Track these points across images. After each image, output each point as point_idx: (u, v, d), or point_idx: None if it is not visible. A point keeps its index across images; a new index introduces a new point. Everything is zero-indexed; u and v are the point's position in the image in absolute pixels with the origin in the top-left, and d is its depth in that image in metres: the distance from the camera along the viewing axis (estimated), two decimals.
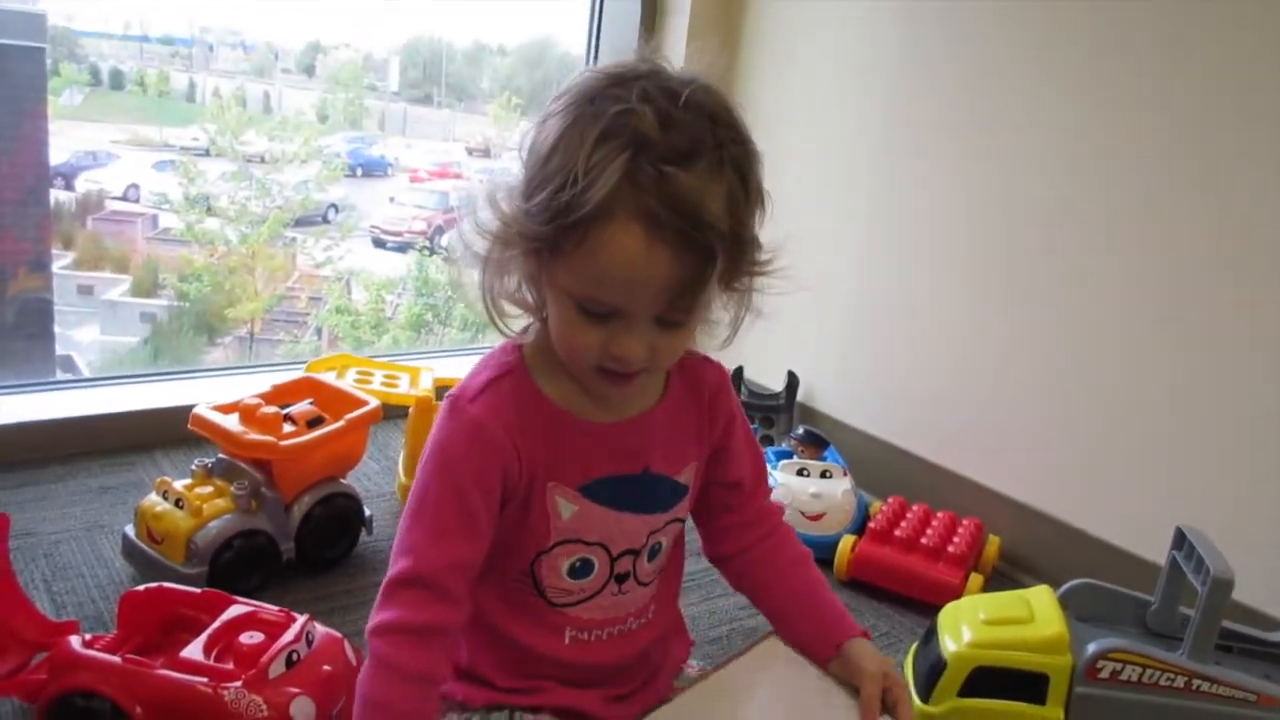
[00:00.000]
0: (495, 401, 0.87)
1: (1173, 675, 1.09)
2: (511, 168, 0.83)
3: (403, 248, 3.65)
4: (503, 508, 0.88)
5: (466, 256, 0.85)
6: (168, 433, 1.82)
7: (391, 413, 1.70)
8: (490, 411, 0.86)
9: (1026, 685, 1.13)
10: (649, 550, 0.94)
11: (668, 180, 0.74)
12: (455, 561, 0.84)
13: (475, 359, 0.92)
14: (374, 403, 1.57)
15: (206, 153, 3.14)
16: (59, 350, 2.59)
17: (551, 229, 0.76)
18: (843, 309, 2.08)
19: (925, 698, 1.19)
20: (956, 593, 1.56)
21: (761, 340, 0.88)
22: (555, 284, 0.81)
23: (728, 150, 0.77)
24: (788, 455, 1.86)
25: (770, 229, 0.83)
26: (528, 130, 0.82)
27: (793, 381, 2.12)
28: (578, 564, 0.91)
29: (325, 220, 3.48)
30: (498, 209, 0.82)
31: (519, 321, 0.90)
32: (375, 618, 0.83)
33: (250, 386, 1.58)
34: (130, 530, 1.44)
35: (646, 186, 0.74)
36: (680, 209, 0.74)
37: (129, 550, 1.44)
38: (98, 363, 3.10)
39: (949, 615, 1.25)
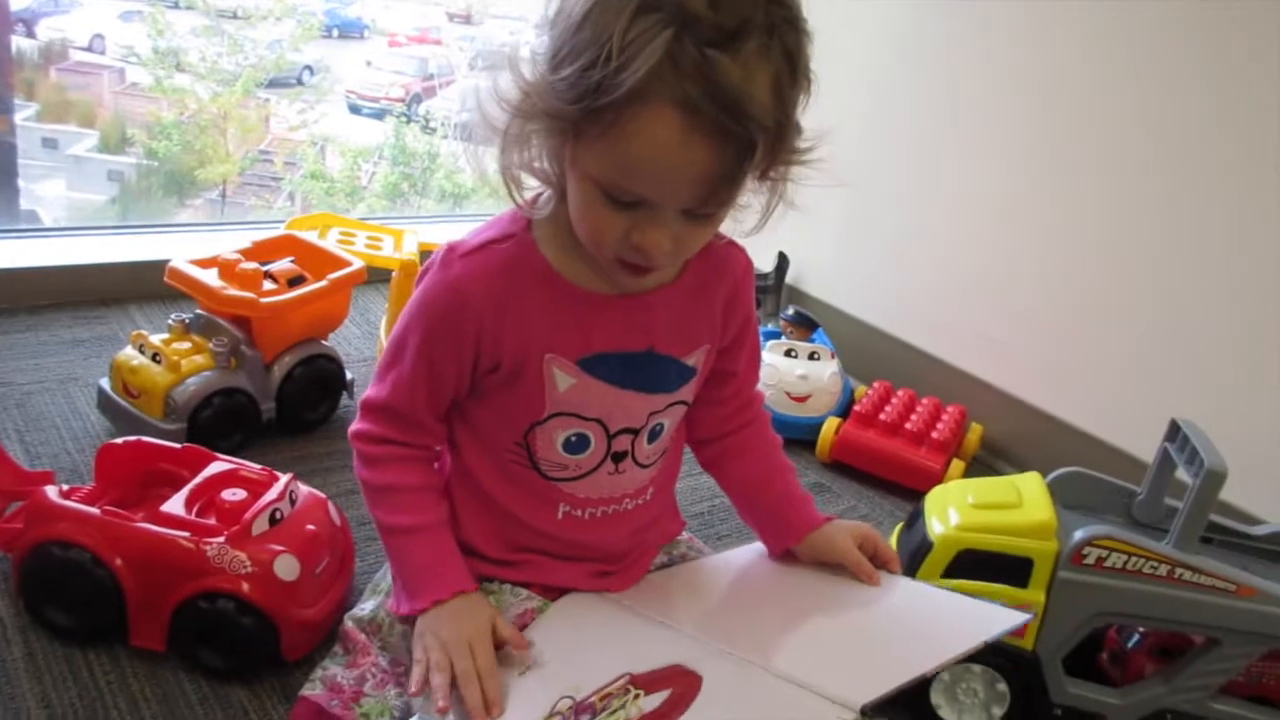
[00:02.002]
0: (486, 262, 0.83)
1: (1156, 564, 1.10)
2: (520, 31, 0.76)
3: (379, 114, 3.56)
4: (491, 371, 0.86)
5: (481, 126, 0.78)
6: (141, 287, 1.78)
7: (373, 276, 1.66)
8: (477, 271, 0.83)
9: (1011, 569, 1.13)
10: (649, 431, 0.91)
11: (711, 65, 0.67)
12: (422, 401, 0.87)
13: (453, 227, 0.87)
14: (358, 263, 1.52)
15: (176, 4, 3.00)
16: (23, 205, 2.50)
17: (578, 109, 0.70)
18: (838, 193, 2.03)
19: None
20: (938, 478, 1.57)
21: None
22: (578, 166, 0.75)
23: (779, 32, 0.70)
24: (776, 335, 1.84)
25: (809, 115, 0.76)
26: None
27: (783, 263, 2.09)
28: (573, 438, 0.88)
29: (299, 82, 3.38)
30: (519, 76, 0.74)
31: (533, 191, 0.84)
32: (355, 425, 0.90)
33: (227, 243, 1.52)
34: (105, 383, 1.41)
35: (688, 71, 0.67)
36: (722, 99, 0.67)
37: (104, 404, 1.41)
38: (64, 219, 3.02)
39: (936, 498, 1.24)
